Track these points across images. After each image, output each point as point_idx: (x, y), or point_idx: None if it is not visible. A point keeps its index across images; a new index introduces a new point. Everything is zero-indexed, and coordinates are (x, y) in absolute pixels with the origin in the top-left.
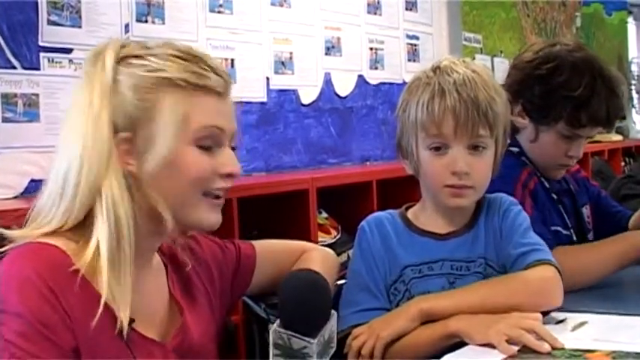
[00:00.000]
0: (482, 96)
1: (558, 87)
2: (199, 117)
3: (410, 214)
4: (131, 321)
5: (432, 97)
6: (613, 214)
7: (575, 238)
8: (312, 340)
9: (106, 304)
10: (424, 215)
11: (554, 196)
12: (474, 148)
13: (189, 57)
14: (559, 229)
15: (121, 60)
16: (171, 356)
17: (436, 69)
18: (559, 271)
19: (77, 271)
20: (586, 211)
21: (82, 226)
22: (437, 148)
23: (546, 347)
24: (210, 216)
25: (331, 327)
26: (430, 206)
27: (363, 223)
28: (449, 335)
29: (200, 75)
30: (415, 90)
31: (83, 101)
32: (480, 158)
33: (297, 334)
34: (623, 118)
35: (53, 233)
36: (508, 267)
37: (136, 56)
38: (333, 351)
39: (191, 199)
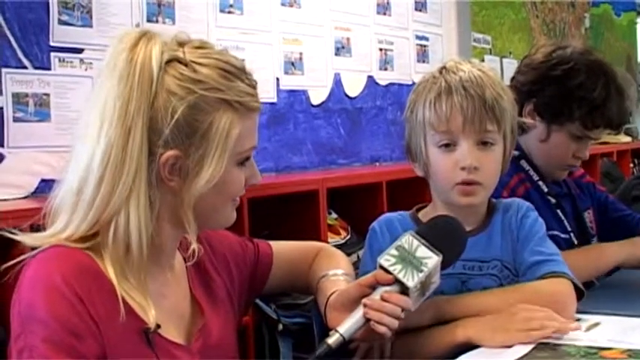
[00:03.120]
0: (489, 92)
1: (575, 88)
2: (247, 138)
3: (421, 215)
4: (157, 327)
5: (439, 94)
6: (621, 218)
7: (576, 242)
8: (439, 255)
9: (132, 310)
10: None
11: (553, 200)
12: (483, 144)
13: (237, 71)
14: (556, 232)
15: (167, 63)
16: (197, 358)
17: (442, 69)
18: (574, 285)
19: (104, 275)
20: (588, 216)
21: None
22: (446, 145)
23: (574, 326)
24: (232, 215)
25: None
26: (441, 207)
27: (374, 223)
28: (457, 344)
29: (252, 96)
30: (422, 91)
31: (113, 105)
32: (489, 154)
33: (430, 245)
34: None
35: (71, 238)
36: (521, 272)
37: (182, 62)
38: (432, 289)
39: (223, 208)
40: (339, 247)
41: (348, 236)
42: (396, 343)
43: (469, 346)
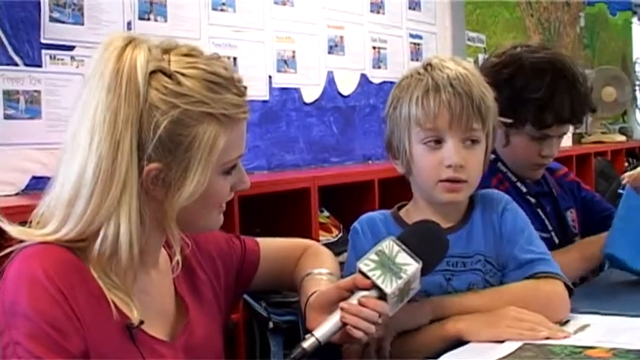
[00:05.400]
0: (476, 91)
1: (520, 90)
2: (233, 148)
3: (402, 213)
4: (141, 322)
5: (427, 91)
6: (607, 217)
7: (557, 241)
8: (419, 262)
9: (115, 306)
10: (417, 213)
11: (532, 200)
12: (468, 141)
13: (224, 81)
14: (537, 232)
15: (151, 75)
16: (180, 355)
17: (427, 66)
18: (566, 286)
19: (87, 272)
20: (571, 215)
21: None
22: (431, 142)
23: (563, 335)
24: (218, 220)
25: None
26: (423, 204)
27: (355, 224)
28: (449, 338)
29: (239, 107)
30: (407, 87)
31: (102, 118)
32: (474, 152)
33: (410, 251)
34: (594, 111)
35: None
36: (511, 268)
37: (166, 74)
38: (411, 295)
39: (208, 215)
40: (330, 245)
41: (340, 234)
42: (392, 342)
43: (459, 344)
